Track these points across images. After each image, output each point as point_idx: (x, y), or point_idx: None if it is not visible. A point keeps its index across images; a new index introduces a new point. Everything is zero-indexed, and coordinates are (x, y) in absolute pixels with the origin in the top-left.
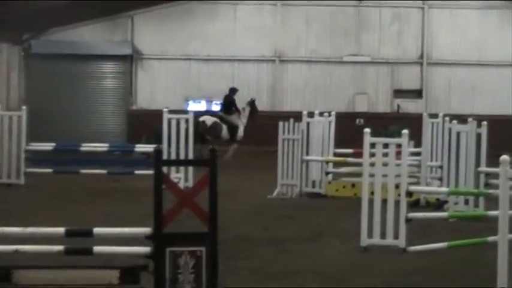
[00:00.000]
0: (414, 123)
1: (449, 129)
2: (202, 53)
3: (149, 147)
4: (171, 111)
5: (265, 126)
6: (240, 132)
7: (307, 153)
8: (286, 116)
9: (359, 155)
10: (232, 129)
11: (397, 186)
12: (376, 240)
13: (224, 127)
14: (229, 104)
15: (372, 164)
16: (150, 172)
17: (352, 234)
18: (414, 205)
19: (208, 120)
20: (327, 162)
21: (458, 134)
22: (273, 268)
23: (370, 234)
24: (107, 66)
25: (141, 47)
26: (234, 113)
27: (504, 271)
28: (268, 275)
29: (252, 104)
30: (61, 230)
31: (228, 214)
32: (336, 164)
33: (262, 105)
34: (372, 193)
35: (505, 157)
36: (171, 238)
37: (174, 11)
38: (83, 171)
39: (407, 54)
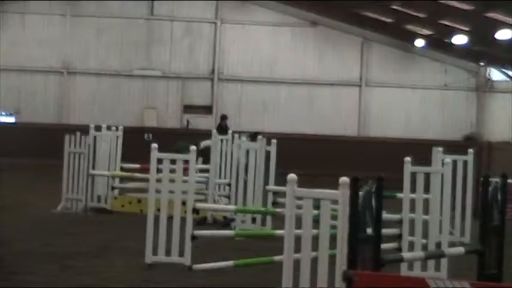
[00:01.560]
0: (204, 140)
1: (239, 146)
2: None
3: None
4: None
5: (50, 139)
6: None
7: (94, 168)
8: (73, 129)
9: (146, 170)
10: None
11: (184, 203)
12: (161, 257)
13: None
14: (218, 130)
15: (159, 180)
16: None
17: (136, 250)
18: (201, 222)
19: (202, 144)
20: (114, 177)
21: (247, 151)
22: (54, 284)
23: (155, 251)
24: None
25: None
26: None
27: None
28: None
29: (252, 136)
30: None
31: (9, 228)
32: (123, 179)
33: (48, 118)
34: (159, 209)
35: (292, 176)
36: None
37: None
38: None
39: (199, 70)
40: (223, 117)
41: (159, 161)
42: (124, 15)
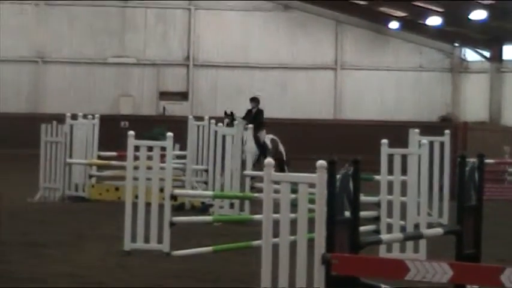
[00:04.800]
0: (180, 126)
1: (215, 132)
2: None
3: None
4: None
5: (26, 129)
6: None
7: (71, 156)
8: (48, 118)
9: (123, 158)
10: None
11: (161, 190)
12: (140, 244)
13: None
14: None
15: (136, 167)
16: None
17: (114, 238)
18: (179, 209)
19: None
20: (91, 165)
21: (224, 137)
22: (30, 272)
23: (133, 238)
24: None
25: None
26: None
27: (268, 275)
28: (25, 279)
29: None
30: None
31: None
32: (100, 167)
33: (22, 107)
34: (136, 197)
35: (269, 160)
36: None
37: None
38: None
39: (173, 56)
40: (252, 100)
41: (136, 148)
42: (97, 2)
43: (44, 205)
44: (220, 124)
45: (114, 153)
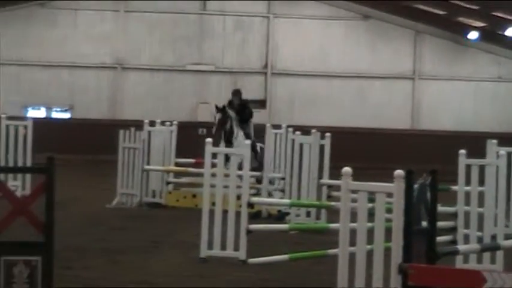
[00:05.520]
0: (257, 134)
1: (293, 141)
2: (41, 59)
3: None
4: (9, 118)
5: (104, 135)
6: None
7: (148, 163)
8: (126, 124)
9: (201, 165)
10: None
11: (238, 197)
12: (216, 251)
13: None
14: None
15: (214, 175)
16: None
17: (191, 245)
18: (256, 216)
19: None
20: (168, 171)
21: (301, 145)
22: (107, 279)
23: (210, 246)
24: None
25: None
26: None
27: (344, 284)
28: (103, 286)
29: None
30: None
31: (64, 223)
32: (177, 174)
33: (102, 113)
34: (213, 204)
35: (346, 169)
36: (6, 247)
37: (13, 15)
38: None
39: (251, 64)
40: (235, 93)
41: (214, 155)
42: (176, 10)
43: (121, 211)
44: (298, 132)
45: (191, 160)
